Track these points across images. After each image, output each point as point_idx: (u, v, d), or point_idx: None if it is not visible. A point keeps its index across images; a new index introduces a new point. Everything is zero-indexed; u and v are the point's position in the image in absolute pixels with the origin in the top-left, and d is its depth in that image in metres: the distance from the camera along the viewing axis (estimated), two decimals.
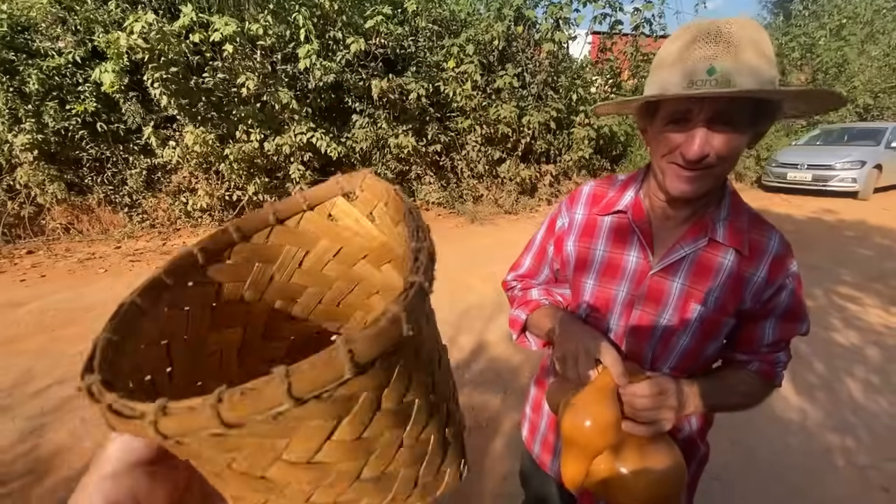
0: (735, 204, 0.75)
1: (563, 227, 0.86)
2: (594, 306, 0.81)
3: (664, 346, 0.75)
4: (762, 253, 0.73)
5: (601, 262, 0.80)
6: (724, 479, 1.83)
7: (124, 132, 4.87)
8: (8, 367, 2.38)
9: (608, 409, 0.65)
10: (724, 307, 0.73)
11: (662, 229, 0.77)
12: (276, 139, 5.00)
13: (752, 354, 0.77)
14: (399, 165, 6.04)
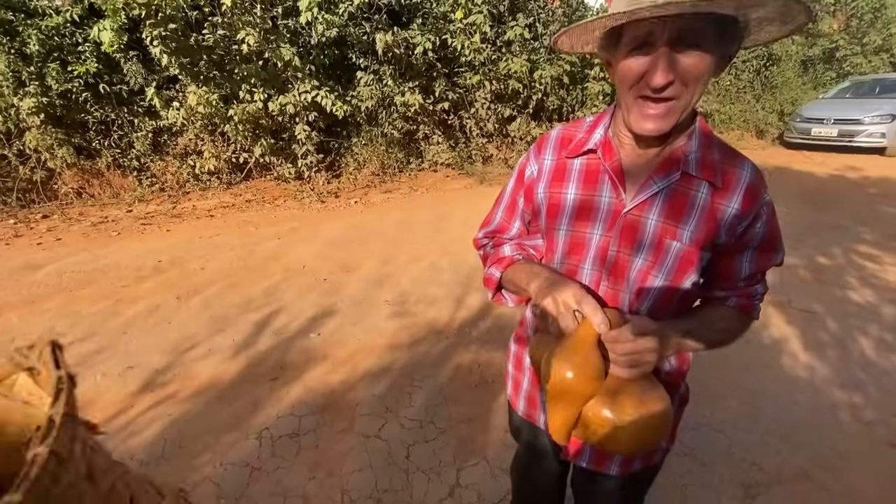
0: (705, 137, 0.73)
1: (533, 176, 0.84)
2: (569, 252, 0.80)
3: (641, 286, 0.75)
4: (735, 184, 0.71)
5: (573, 206, 0.78)
6: (727, 432, 1.85)
7: (127, 94, 4.81)
8: (30, 326, 2.47)
9: (590, 359, 0.65)
10: (699, 242, 0.72)
11: (633, 167, 0.74)
12: (279, 98, 4.89)
13: (730, 290, 0.77)
14: (406, 125, 5.90)
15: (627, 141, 0.73)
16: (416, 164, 6.04)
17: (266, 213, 4.72)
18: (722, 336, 0.77)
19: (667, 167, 0.71)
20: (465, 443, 1.78)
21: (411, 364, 2.23)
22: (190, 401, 1.98)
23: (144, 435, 1.79)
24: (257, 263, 3.41)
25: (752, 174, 0.72)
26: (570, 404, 0.67)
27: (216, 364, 2.22)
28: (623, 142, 0.74)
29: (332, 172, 5.74)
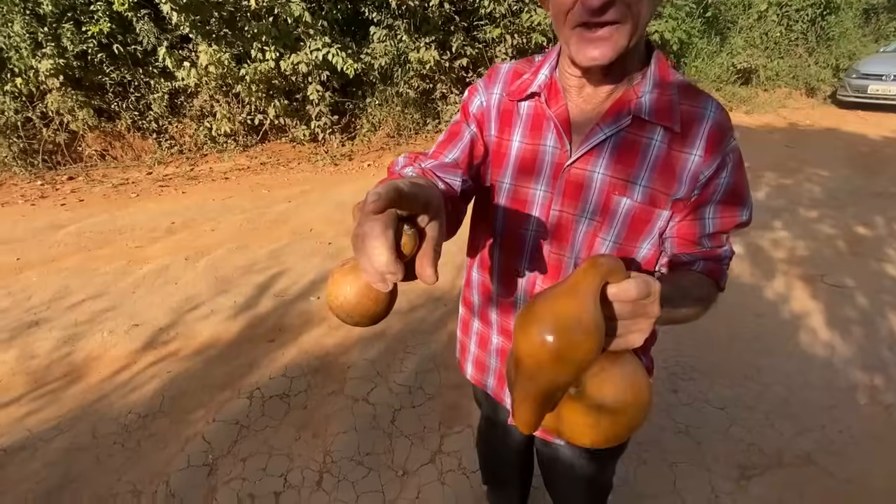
0: (662, 74, 0.62)
1: (483, 108, 0.72)
2: (512, 213, 0.71)
3: (588, 250, 0.66)
4: (696, 126, 0.60)
5: (517, 156, 0.69)
6: (728, 410, 1.77)
7: (142, 54, 4.79)
8: (47, 284, 2.58)
9: (588, 318, 0.42)
10: (654, 198, 0.62)
11: (581, 113, 0.64)
12: (291, 57, 4.77)
13: (694, 252, 0.66)
14: (422, 83, 5.68)
15: (574, 82, 0.63)
16: (434, 125, 5.86)
17: (280, 175, 4.72)
18: (698, 306, 0.64)
19: (615, 111, 0.61)
20: (451, 409, 1.77)
21: (406, 330, 2.21)
22: (190, 359, 2.04)
23: (145, 390, 1.86)
24: (266, 226, 3.43)
25: (716, 114, 0.61)
26: (547, 382, 0.44)
27: (217, 324, 2.26)
28: (570, 84, 0.64)
29: (347, 134, 5.65)
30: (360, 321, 0.48)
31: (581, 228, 0.66)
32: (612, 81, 0.61)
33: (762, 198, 3.89)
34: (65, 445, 1.61)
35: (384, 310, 0.48)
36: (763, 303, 2.45)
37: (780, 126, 6.55)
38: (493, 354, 0.85)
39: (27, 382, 1.90)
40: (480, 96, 0.72)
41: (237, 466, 1.54)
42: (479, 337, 0.87)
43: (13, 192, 4.10)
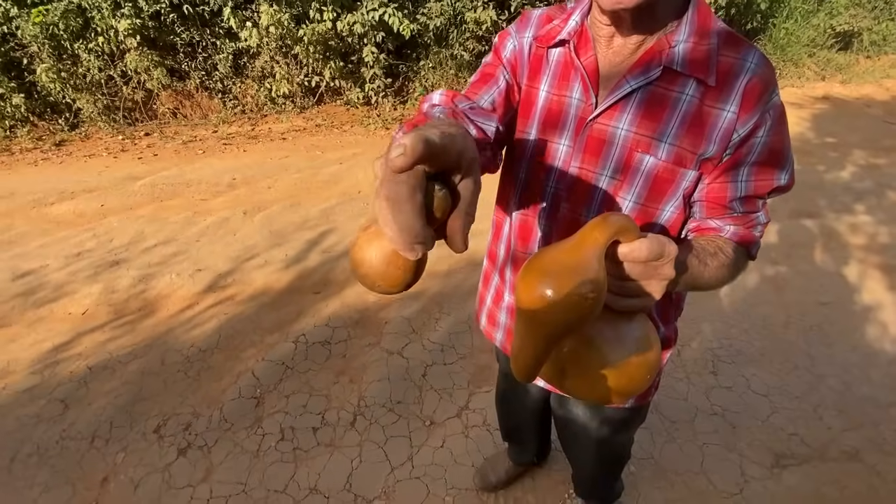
0: (702, 21, 0.56)
1: (515, 52, 0.68)
2: (533, 164, 0.69)
3: (609, 208, 0.64)
4: (734, 80, 0.55)
5: (543, 106, 0.66)
6: (772, 398, 1.69)
7: (209, 15, 4.98)
8: (125, 229, 2.86)
9: (590, 274, 0.42)
10: (679, 156, 0.58)
11: (609, 66, 0.61)
12: (347, 17, 4.78)
13: (724, 217, 0.62)
14: (477, 46, 5.51)
15: (604, 31, 0.60)
16: None
17: (333, 137, 4.84)
18: (721, 274, 0.60)
19: (645, 62, 0.57)
20: (481, 370, 1.82)
21: (444, 292, 2.26)
22: (244, 303, 2.22)
23: (205, 327, 2.06)
24: (318, 186, 3.56)
25: (758, 67, 0.55)
26: (543, 335, 0.45)
27: (269, 274, 2.43)
28: (600, 34, 0.60)
29: (399, 98, 5.65)
30: (386, 290, 0.44)
31: (601, 187, 0.64)
32: (643, 31, 0.57)
33: (846, 178, 3.51)
34: (139, 369, 1.83)
35: (412, 278, 0.44)
36: (830, 291, 2.26)
37: (881, 99, 5.78)
38: (504, 310, 0.86)
39: (109, 313, 2.16)
40: (513, 40, 0.69)
41: (281, 401, 1.68)
42: (495, 291, 0.88)
43: (98, 146, 4.51)
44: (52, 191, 3.47)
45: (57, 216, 3.10)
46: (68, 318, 2.15)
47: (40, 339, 2.03)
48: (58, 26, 4.63)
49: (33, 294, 2.32)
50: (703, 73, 0.55)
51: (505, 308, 0.85)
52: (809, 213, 2.97)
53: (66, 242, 2.74)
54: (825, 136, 4.38)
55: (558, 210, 0.68)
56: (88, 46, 4.77)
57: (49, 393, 1.75)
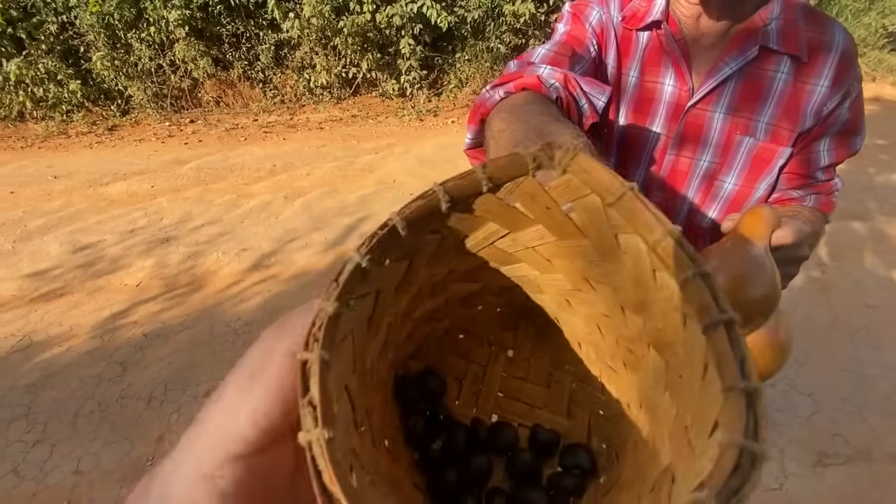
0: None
1: (602, 23, 0.63)
2: (622, 151, 0.69)
3: (706, 193, 0.65)
4: (824, 55, 0.55)
5: (633, 93, 0.65)
6: (816, 398, 1.65)
7: (253, 6, 5.13)
8: (174, 209, 3.01)
9: (771, 269, 0.43)
10: (778, 135, 0.59)
11: (700, 48, 0.60)
12: (387, 9, 4.84)
13: (808, 187, 0.62)
14: (514, 39, 5.49)
15: (690, 12, 0.59)
16: None
17: (369, 128, 4.92)
18: (810, 242, 0.59)
19: (741, 41, 0.57)
20: None
21: None
22: (286, 282, 2.30)
23: (250, 303, 2.15)
24: (354, 174, 3.64)
25: (845, 42, 0.56)
26: None
27: (310, 256, 2.51)
28: (685, 14, 0.60)
29: (434, 90, 5.68)
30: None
31: (698, 172, 0.64)
32: (734, 11, 0.57)
33: None
34: (189, 338, 1.94)
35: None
36: (879, 293, 2.18)
37: None
38: None
39: (161, 286, 2.28)
40: (598, 11, 0.63)
41: None
42: None
43: (147, 131, 4.73)
44: (107, 172, 3.67)
45: (111, 195, 3.28)
46: (124, 288, 2.29)
47: (99, 307, 2.17)
48: (113, 16, 4.86)
49: (92, 266, 2.47)
50: (797, 50, 0.56)
51: None
52: (859, 216, 2.85)
53: (120, 220, 2.90)
54: (876, 137, 4.18)
55: (652, 196, 0.68)
56: (141, 36, 4.99)
57: (109, 356, 1.87)
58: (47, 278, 2.40)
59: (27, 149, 4.55)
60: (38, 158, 4.25)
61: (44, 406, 1.67)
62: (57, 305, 2.19)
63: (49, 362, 1.86)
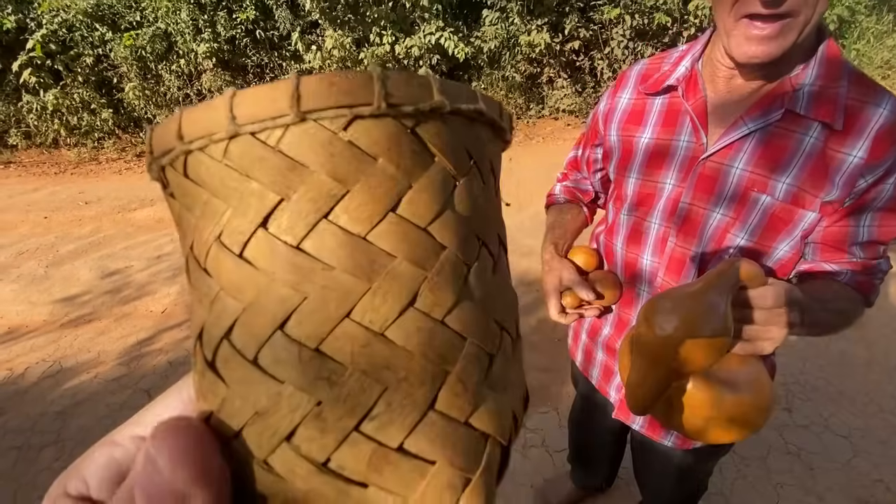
0: (830, 63, 0.56)
1: (604, 112, 0.76)
2: (637, 204, 0.71)
3: (716, 245, 0.64)
4: (863, 124, 0.54)
5: (646, 151, 0.68)
6: (853, 440, 1.59)
7: (278, 39, 5.34)
8: None
9: (717, 314, 0.44)
10: (798, 197, 0.58)
11: (723, 105, 0.61)
12: (406, 41, 4.99)
13: (842, 261, 0.61)
14: (529, 67, 5.59)
15: (724, 72, 0.61)
16: (536, 110, 5.76)
17: None
18: (836, 320, 0.62)
19: (765, 104, 0.58)
20: (538, 390, 1.81)
21: None
22: None
23: None
24: None
25: (891, 113, 0.55)
26: (666, 373, 0.47)
27: None
28: (718, 73, 0.62)
29: None
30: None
31: (711, 223, 0.64)
32: (768, 75, 0.58)
33: None
34: None
35: None
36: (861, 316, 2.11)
37: None
38: (600, 346, 0.86)
39: (185, 313, 2.32)
40: (604, 102, 0.77)
41: None
42: (590, 326, 0.88)
43: None
44: (135, 198, 3.80)
45: (138, 221, 3.38)
46: (150, 315, 2.34)
47: (126, 333, 2.21)
48: (145, 49, 5.11)
49: (119, 292, 2.54)
50: (830, 118, 0.55)
51: (601, 343, 0.86)
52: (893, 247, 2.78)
53: (147, 245, 2.98)
54: None
55: (665, 245, 0.69)
56: (170, 67, 5.23)
57: (135, 384, 1.90)
58: (77, 304, 2.46)
59: (60, 175, 4.74)
60: (70, 184, 4.42)
61: (72, 433, 1.70)
62: (86, 331, 2.24)
63: (77, 389, 1.89)
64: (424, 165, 0.15)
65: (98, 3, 5.05)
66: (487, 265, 0.18)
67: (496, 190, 0.20)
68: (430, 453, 0.15)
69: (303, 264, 0.14)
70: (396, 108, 0.14)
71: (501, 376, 0.17)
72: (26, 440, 1.68)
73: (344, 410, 0.14)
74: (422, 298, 0.15)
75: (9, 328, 2.31)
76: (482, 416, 0.16)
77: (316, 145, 0.14)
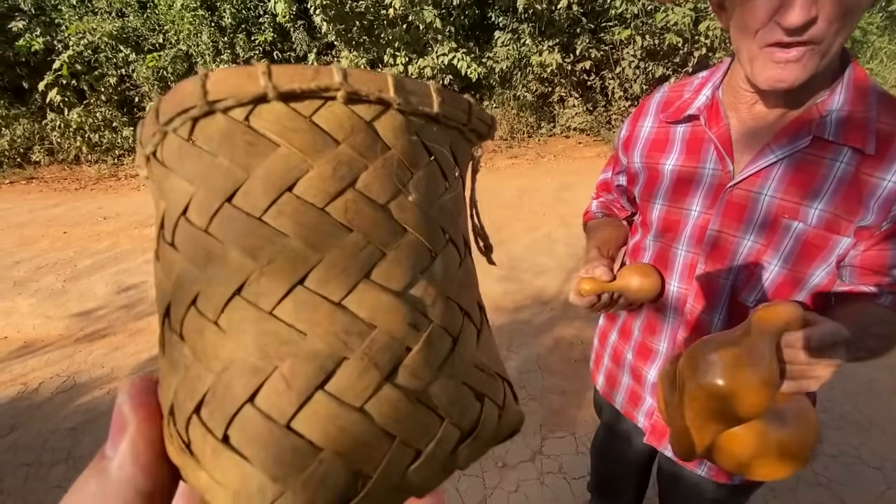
0: (858, 87, 0.55)
1: (624, 140, 0.76)
2: (662, 230, 0.70)
3: (749, 274, 0.62)
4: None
5: (671, 178, 0.68)
6: (887, 472, 1.51)
7: (294, 59, 5.48)
8: None
9: (764, 363, 0.44)
10: (832, 223, 0.56)
11: (748, 132, 0.60)
12: (419, 62, 5.08)
13: (882, 284, 0.59)
14: (540, 87, 5.65)
15: (747, 98, 0.60)
16: (548, 128, 5.80)
17: None
18: (878, 346, 0.60)
19: (792, 131, 0.57)
20: (554, 414, 1.77)
21: (511, 330, 2.25)
22: None
23: None
24: None
25: None
26: (715, 422, 0.47)
27: None
28: (740, 100, 0.61)
29: None
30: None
31: (742, 250, 0.63)
32: (792, 101, 0.57)
33: None
34: None
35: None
36: None
37: None
38: (625, 371, 0.84)
39: None
40: (624, 129, 0.77)
41: None
42: (613, 350, 0.87)
43: None
44: (151, 214, 3.84)
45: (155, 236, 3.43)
46: None
47: (139, 349, 2.22)
48: (167, 69, 5.27)
49: (134, 307, 2.56)
50: (860, 143, 0.54)
51: (627, 368, 0.84)
52: None
53: None
54: None
55: (692, 272, 0.68)
56: None
57: None
58: (92, 318, 2.48)
59: (80, 190, 4.85)
60: (89, 199, 4.52)
61: (83, 451, 1.69)
62: (100, 346, 2.25)
63: (90, 405, 1.89)
64: (380, 152, 0.16)
65: (123, 25, 5.24)
66: (454, 259, 0.18)
67: (462, 192, 0.21)
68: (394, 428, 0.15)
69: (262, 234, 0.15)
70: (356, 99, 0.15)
71: (461, 362, 0.18)
72: (37, 457, 1.67)
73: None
74: (378, 270, 0.15)
75: (25, 342, 2.33)
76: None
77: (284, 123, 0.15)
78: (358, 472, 0.14)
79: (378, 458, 0.15)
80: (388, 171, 0.16)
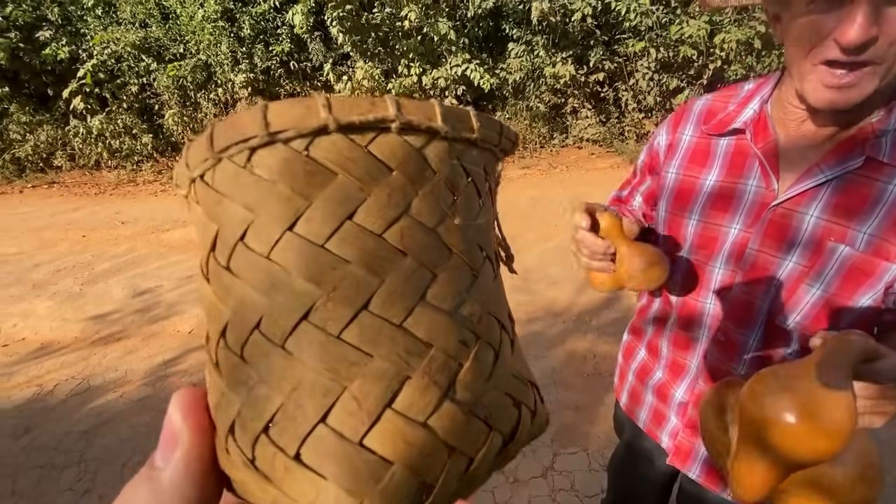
0: None
1: (660, 147, 0.73)
2: (698, 246, 0.67)
3: (788, 296, 0.60)
4: None
5: (710, 193, 0.65)
6: None
7: (310, 70, 5.58)
8: None
9: (848, 404, 0.40)
10: (881, 248, 0.54)
11: (796, 149, 0.58)
12: (433, 72, 5.13)
13: None
14: (553, 98, 5.66)
15: (796, 115, 0.58)
16: (560, 139, 5.79)
17: None
18: None
19: (843, 151, 0.55)
20: (567, 429, 1.74)
21: (523, 341, 2.23)
22: None
23: None
24: None
25: None
26: (787, 463, 0.43)
27: None
28: (789, 116, 0.59)
29: None
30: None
31: (782, 271, 0.60)
32: (844, 121, 0.55)
33: None
34: None
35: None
36: None
37: None
38: (650, 389, 0.82)
39: None
40: (662, 136, 0.73)
41: None
42: (639, 367, 0.85)
43: None
44: (168, 219, 3.92)
45: (171, 241, 3.48)
46: (177, 335, 2.36)
47: (153, 353, 2.24)
48: (186, 79, 5.39)
49: (149, 311, 2.59)
50: None
51: (652, 386, 0.82)
52: None
53: (178, 266, 3.05)
54: None
55: (729, 291, 0.66)
56: (209, 96, 5.49)
57: (158, 405, 1.90)
58: (108, 321, 2.51)
59: (100, 195, 4.96)
60: (108, 204, 4.62)
61: (95, 454, 1.70)
62: (114, 349, 2.28)
63: (103, 408, 1.91)
64: (428, 178, 0.17)
65: (146, 36, 5.38)
66: (490, 275, 0.20)
67: (491, 208, 0.22)
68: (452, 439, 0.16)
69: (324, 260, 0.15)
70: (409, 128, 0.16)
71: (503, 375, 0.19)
72: (50, 459, 1.69)
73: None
74: (431, 291, 0.16)
75: (41, 344, 2.37)
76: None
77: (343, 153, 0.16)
78: (423, 482, 0.15)
79: (440, 468, 0.16)
80: (435, 197, 0.17)
